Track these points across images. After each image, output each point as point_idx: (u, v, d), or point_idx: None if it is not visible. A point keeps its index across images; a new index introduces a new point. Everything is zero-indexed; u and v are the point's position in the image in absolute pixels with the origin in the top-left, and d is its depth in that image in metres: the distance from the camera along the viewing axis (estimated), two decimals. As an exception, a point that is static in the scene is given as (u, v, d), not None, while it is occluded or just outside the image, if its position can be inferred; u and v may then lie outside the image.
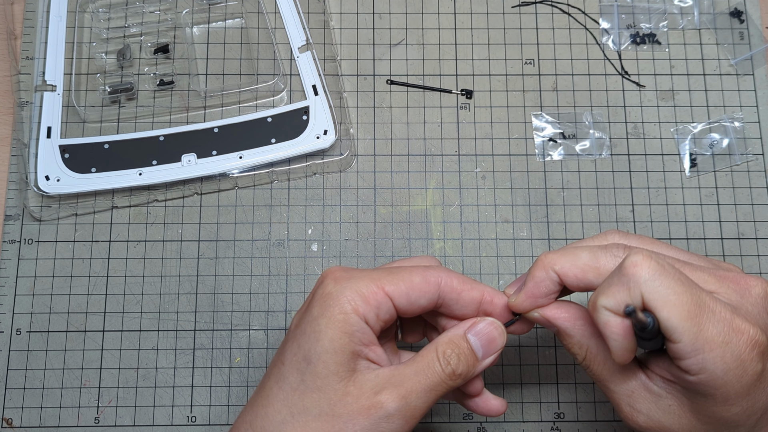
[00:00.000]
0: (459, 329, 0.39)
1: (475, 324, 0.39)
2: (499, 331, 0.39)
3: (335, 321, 0.36)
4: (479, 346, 0.38)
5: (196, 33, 0.57)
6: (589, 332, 0.37)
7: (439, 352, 0.37)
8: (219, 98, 0.56)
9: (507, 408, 0.41)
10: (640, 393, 0.37)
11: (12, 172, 0.54)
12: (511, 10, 0.58)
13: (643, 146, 0.56)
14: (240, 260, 0.53)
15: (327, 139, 0.54)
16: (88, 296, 0.52)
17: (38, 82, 0.55)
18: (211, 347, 0.52)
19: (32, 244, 0.53)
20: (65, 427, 0.50)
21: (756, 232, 0.54)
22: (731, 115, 0.56)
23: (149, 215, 0.54)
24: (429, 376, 0.37)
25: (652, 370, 0.37)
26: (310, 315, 0.37)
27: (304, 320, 0.37)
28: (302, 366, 0.36)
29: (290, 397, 0.36)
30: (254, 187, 0.54)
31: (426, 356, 0.37)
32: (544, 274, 0.37)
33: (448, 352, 0.37)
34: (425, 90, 0.57)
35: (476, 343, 0.38)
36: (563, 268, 0.37)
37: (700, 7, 0.58)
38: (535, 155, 0.55)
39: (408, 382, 0.36)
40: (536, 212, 0.54)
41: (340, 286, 0.37)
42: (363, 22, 0.58)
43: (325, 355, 0.36)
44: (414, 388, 0.36)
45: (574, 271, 0.36)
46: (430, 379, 0.37)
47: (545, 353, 0.52)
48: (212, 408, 0.51)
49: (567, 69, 0.57)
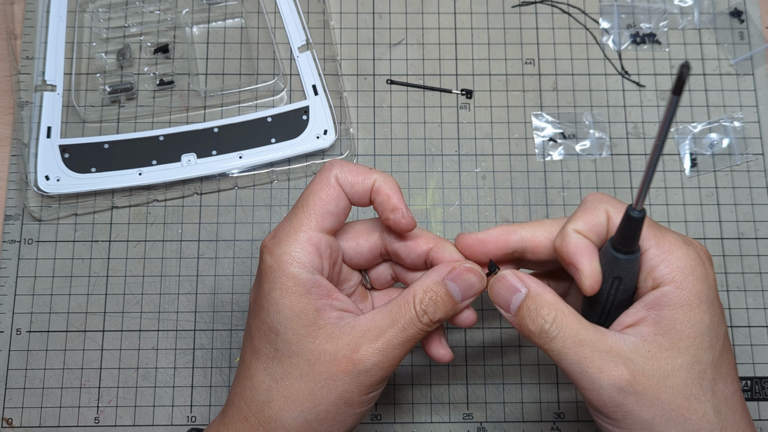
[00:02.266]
0: (436, 274, 0.38)
1: (453, 269, 0.38)
2: (479, 277, 0.38)
3: (287, 288, 0.36)
4: (458, 291, 0.38)
5: (196, 33, 0.57)
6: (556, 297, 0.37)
7: (417, 301, 0.37)
8: (219, 98, 0.56)
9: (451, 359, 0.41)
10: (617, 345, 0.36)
11: (12, 172, 0.54)
12: (511, 10, 0.58)
13: (643, 146, 0.56)
14: (240, 260, 0.53)
15: (327, 139, 0.54)
16: (88, 296, 0.52)
17: (38, 82, 0.55)
18: (211, 347, 0.52)
19: (32, 244, 0.53)
20: (65, 427, 0.50)
21: (756, 232, 0.54)
22: (731, 115, 0.56)
23: (149, 215, 0.54)
24: (406, 327, 0.37)
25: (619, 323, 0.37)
26: (263, 290, 0.37)
27: (259, 296, 0.38)
28: (272, 337, 0.37)
29: (269, 366, 0.37)
30: (254, 187, 0.54)
31: (402, 305, 0.37)
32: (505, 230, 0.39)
33: (426, 301, 0.37)
34: (425, 90, 0.57)
35: (454, 289, 0.38)
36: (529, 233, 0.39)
37: (700, 7, 0.58)
38: (535, 155, 0.55)
39: (385, 335, 0.36)
40: (536, 212, 0.54)
41: (275, 257, 0.37)
42: (363, 22, 0.58)
43: (290, 322, 0.36)
44: (391, 341, 0.36)
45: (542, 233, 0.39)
46: (407, 330, 0.37)
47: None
48: (212, 408, 0.51)
49: (567, 69, 0.57)
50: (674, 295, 0.35)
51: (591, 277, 0.36)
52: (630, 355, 0.35)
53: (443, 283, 0.38)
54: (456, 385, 0.51)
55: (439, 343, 0.41)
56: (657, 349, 0.35)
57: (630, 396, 0.34)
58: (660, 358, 0.35)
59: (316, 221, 0.37)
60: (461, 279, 0.38)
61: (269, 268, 0.37)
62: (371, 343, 0.36)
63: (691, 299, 0.35)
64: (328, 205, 0.38)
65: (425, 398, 0.51)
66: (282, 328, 0.37)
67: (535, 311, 0.37)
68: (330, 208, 0.38)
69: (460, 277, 0.38)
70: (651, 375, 0.35)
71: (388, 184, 0.38)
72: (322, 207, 0.38)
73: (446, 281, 0.38)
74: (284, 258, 0.37)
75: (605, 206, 0.38)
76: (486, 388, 0.51)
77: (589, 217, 0.37)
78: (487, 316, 0.53)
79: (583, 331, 0.36)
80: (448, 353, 0.41)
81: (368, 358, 0.36)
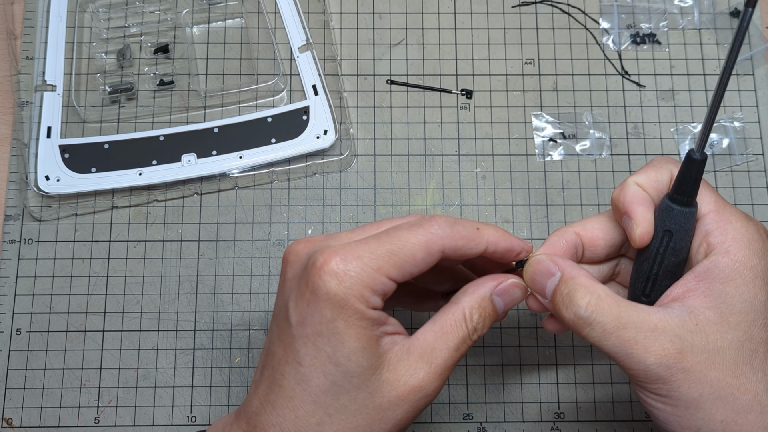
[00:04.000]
0: (484, 289, 0.37)
1: (500, 284, 0.37)
2: (522, 290, 0.38)
3: (354, 321, 0.34)
4: (502, 305, 0.38)
5: (196, 33, 0.57)
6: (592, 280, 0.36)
7: (467, 316, 0.36)
8: (219, 98, 0.56)
9: None
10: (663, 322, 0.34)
11: (12, 172, 0.54)
12: (511, 10, 0.58)
13: (644, 146, 0.56)
14: (240, 260, 0.53)
15: (327, 139, 0.54)
16: (88, 296, 0.52)
17: (38, 82, 0.55)
18: (211, 347, 0.52)
19: (32, 244, 0.53)
20: (65, 427, 0.50)
21: (756, 232, 0.54)
22: (731, 115, 0.56)
23: (149, 215, 0.54)
24: (459, 347, 0.36)
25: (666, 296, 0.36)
26: (322, 317, 0.34)
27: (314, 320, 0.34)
28: (329, 368, 0.34)
29: (322, 398, 0.34)
30: (254, 187, 0.54)
31: (453, 324, 0.36)
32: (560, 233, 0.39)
33: (475, 317, 0.36)
34: (425, 90, 0.57)
35: (500, 303, 0.37)
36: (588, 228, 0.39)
37: (700, 7, 0.58)
38: (535, 155, 0.55)
39: (439, 355, 0.35)
40: (536, 212, 0.54)
41: (345, 286, 0.33)
42: (363, 22, 0.58)
43: (354, 355, 0.34)
44: (447, 363, 0.36)
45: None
46: (460, 348, 0.36)
47: (545, 353, 0.52)
48: (212, 408, 0.51)
49: (567, 69, 0.57)
50: (727, 267, 0.34)
51: (642, 225, 0.35)
52: (677, 331, 0.33)
53: (491, 300, 0.37)
54: (456, 385, 0.51)
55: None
56: (706, 323, 0.34)
57: (678, 373, 0.33)
58: (709, 333, 0.33)
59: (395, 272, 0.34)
60: (507, 294, 0.38)
61: (335, 295, 0.33)
62: (429, 367, 0.35)
63: (746, 273, 0.34)
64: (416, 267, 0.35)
65: (425, 398, 0.51)
66: (345, 359, 0.34)
67: (568, 297, 0.35)
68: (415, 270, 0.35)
69: (507, 292, 0.38)
70: (699, 351, 0.33)
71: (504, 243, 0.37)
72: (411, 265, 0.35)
73: (494, 297, 0.37)
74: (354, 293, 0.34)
75: (670, 167, 0.37)
76: (486, 388, 0.51)
77: (653, 173, 0.37)
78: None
79: (624, 313, 0.34)
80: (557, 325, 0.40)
81: (429, 384, 0.35)
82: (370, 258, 0.34)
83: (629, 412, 0.51)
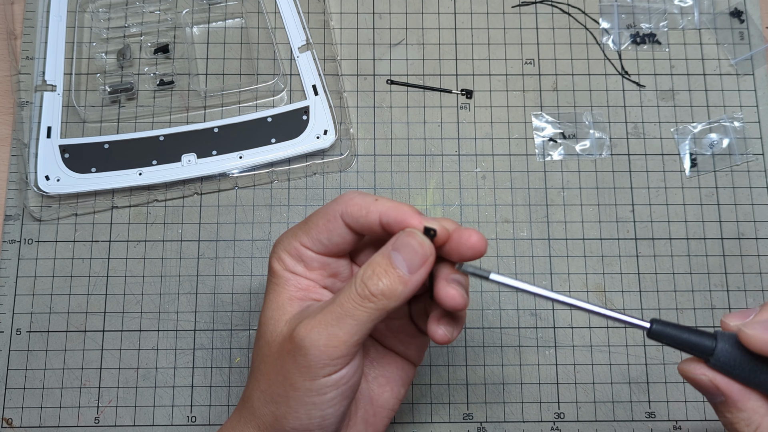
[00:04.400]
0: (383, 248, 0.36)
1: (394, 239, 0.36)
2: (417, 238, 0.35)
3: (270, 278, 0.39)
4: (401, 260, 0.35)
5: (196, 33, 0.57)
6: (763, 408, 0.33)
7: (357, 277, 0.35)
8: (219, 98, 0.56)
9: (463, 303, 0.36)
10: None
11: (12, 172, 0.54)
12: (511, 10, 0.58)
13: (643, 146, 0.56)
14: (240, 260, 0.53)
15: (327, 139, 0.54)
16: (88, 296, 0.52)
17: (38, 82, 0.55)
18: (211, 347, 0.52)
19: (32, 244, 0.53)
20: (65, 427, 0.50)
21: (756, 232, 0.54)
22: (731, 115, 0.56)
23: (149, 215, 0.54)
24: (343, 302, 0.35)
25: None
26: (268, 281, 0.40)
27: None
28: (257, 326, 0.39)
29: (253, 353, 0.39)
30: (254, 187, 0.54)
31: (345, 287, 0.36)
32: None
33: (368, 273, 0.35)
34: (425, 90, 0.57)
35: (398, 258, 0.35)
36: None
37: (700, 7, 0.58)
38: (535, 155, 0.55)
39: (322, 314, 0.35)
40: (536, 212, 0.54)
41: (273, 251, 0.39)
42: (363, 22, 0.58)
43: (265, 306, 0.39)
44: (325, 317, 0.35)
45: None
46: (345, 305, 0.35)
47: (545, 353, 0.52)
48: (212, 408, 0.51)
49: (567, 69, 0.57)
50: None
51: None
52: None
53: (387, 254, 0.35)
54: (456, 385, 0.51)
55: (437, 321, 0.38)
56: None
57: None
58: None
59: (306, 239, 0.38)
60: (403, 246, 0.35)
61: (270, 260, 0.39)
62: (308, 320, 0.35)
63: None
64: (321, 234, 0.38)
65: (425, 398, 0.51)
66: (262, 316, 0.39)
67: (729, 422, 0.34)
68: (322, 237, 0.38)
69: (402, 244, 0.35)
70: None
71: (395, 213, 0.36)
72: (316, 233, 0.38)
73: (391, 252, 0.35)
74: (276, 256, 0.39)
75: None
76: (486, 388, 0.51)
77: None
78: (487, 315, 0.53)
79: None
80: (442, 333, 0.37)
81: (302, 335, 0.35)
82: (293, 230, 0.39)
83: (629, 412, 0.51)
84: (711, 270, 0.53)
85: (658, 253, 0.54)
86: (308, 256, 0.38)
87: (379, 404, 0.41)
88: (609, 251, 0.54)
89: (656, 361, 0.52)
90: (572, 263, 0.53)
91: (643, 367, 0.52)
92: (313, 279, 0.39)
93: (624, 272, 0.53)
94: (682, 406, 0.51)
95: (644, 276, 0.53)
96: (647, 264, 0.53)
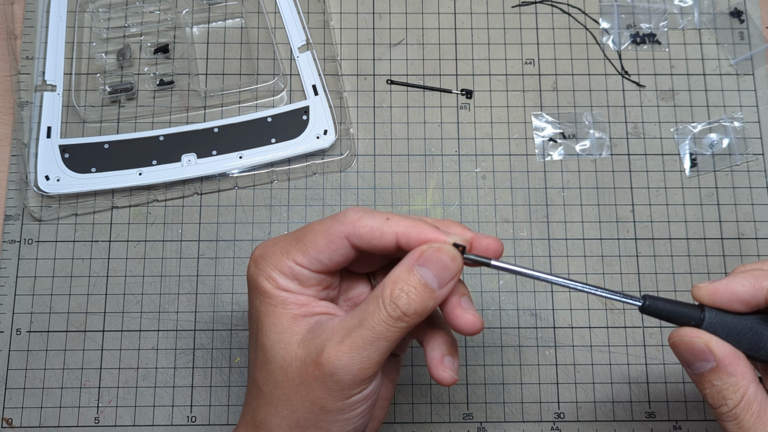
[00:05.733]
0: (406, 262, 0.35)
1: (422, 253, 0.34)
2: (450, 255, 0.34)
3: (264, 300, 0.36)
4: (431, 276, 0.34)
5: (196, 33, 0.57)
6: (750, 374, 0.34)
7: (385, 296, 0.34)
8: (219, 98, 0.56)
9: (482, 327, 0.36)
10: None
11: (12, 172, 0.54)
12: (511, 10, 0.58)
13: (643, 146, 0.56)
14: (240, 260, 0.53)
15: (327, 139, 0.54)
16: (88, 296, 0.52)
17: (38, 82, 0.55)
18: (211, 347, 0.52)
19: (32, 244, 0.53)
20: (65, 427, 0.50)
21: (756, 232, 0.54)
22: (731, 115, 0.56)
23: (149, 215, 0.54)
24: (374, 325, 0.34)
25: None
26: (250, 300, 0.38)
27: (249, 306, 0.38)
28: (254, 343, 0.37)
29: (255, 372, 0.37)
30: (254, 187, 0.54)
31: (371, 302, 0.34)
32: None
33: (396, 293, 0.34)
34: (425, 90, 0.57)
35: (427, 274, 0.34)
36: None
37: (700, 7, 0.58)
38: (535, 155, 0.55)
39: (351, 336, 0.34)
40: (536, 212, 0.54)
41: (257, 268, 0.36)
42: (363, 22, 0.58)
43: (266, 329, 0.36)
44: (356, 342, 0.34)
45: None
46: (377, 328, 0.34)
47: (545, 353, 0.52)
48: (212, 408, 0.51)
49: (567, 69, 0.57)
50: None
51: None
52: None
53: (413, 271, 0.34)
54: (456, 385, 0.51)
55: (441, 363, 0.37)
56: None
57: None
58: None
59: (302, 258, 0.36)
60: (432, 262, 0.34)
61: (251, 276, 0.37)
62: (337, 346, 0.34)
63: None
64: (321, 254, 0.36)
65: (425, 398, 0.51)
66: (260, 334, 0.36)
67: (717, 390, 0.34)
68: (322, 257, 0.36)
69: (430, 260, 0.34)
70: None
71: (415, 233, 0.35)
72: (315, 252, 0.36)
73: (416, 267, 0.34)
74: (263, 273, 0.36)
75: None
76: (486, 388, 0.51)
77: None
78: (486, 315, 0.53)
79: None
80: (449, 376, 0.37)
81: (332, 361, 0.33)
82: (281, 245, 0.36)
83: (629, 412, 0.51)
84: (711, 270, 0.53)
85: (658, 253, 0.54)
86: (304, 275, 0.36)
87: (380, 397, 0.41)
88: (609, 251, 0.54)
89: (656, 361, 0.52)
90: (572, 263, 0.53)
91: (643, 367, 0.52)
92: (310, 294, 0.37)
93: (624, 272, 0.53)
94: (682, 406, 0.51)
95: (644, 276, 0.53)
96: (647, 264, 0.53)
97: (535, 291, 0.53)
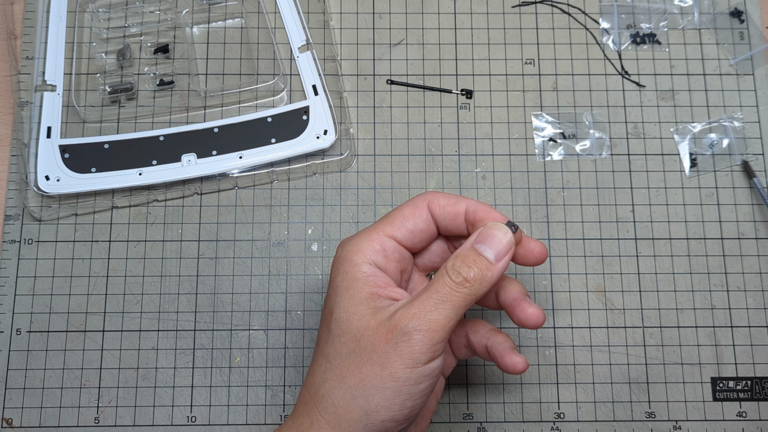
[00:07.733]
0: (467, 243, 0.39)
1: (479, 233, 0.39)
2: (501, 230, 0.39)
3: (347, 274, 0.39)
4: (488, 249, 0.39)
5: (196, 33, 0.57)
6: None
7: (448, 267, 0.38)
8: (219, 98, 0.56)
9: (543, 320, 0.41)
10: None
11: (12, 172, 0.54)
12: (511, 10, 0.58)
13: (643, 146, 0.56)
14: (240, 260, 0.53)
15: (327, 139, 0.54)
16: (88, 296, 0.52)
17: (38, 82, 0.55)
18: (211, 347, 0.52)
19: (32, 244, 0.53)
20: (65, 427, 0.50)
21: (756, 232, 0.54)
22: (731, 115, 0.56)
23: (149, 215, 0.54)
24: (439, 288, 0.37)
25: None
26: (331, 280, 0.40)
27: (329, 288, 0.40)
28: (328, 318, 0.39)
29: (324, 348, 0.39)
30: (254, 187, 0.54)
31: (437, 277, 0.38)
32: None
33: (457, 264, 0.38)
34: (425, 90, 0.57)
35: (486, 250, 0.39)
36: None
37: (700, 7, 0.58)
38: (535, 155, 0.55)
39: (419, 298, 0.37)
40: (536, 212, 0.54)
41: (345, 249, 0.40)
42: (363, 22, 0.58)
43: (344, 302, 0.39)
44: (424, 303, 0.37)
45: None
46: (441, 290, 0.37)
47: (545, 353, 0.52)
48: (212, 408, 0.51)
49: (567, 69, 0.57)
50: None
51: None
52: None
53: (473, 247, 0.39)
54: (456, 385, 0.51)
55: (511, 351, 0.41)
56: None
57: None
58: None
59: (390, 229, 0.40)
60: (489, 238, 0.39)
61: (338, 258, 0.40)
62: (406, 309, 0.37)
63: None
64: (407, 221, 0.41)
65: (425, 398, 0.51)
66: (336, 307, 0.39)
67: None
68: (408, 224, 0.41)
69: (487, 236, 0.39)
70: None
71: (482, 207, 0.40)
72: (401, 221, 0.41)
73: (475, 245, 0.39)
74: (351, 249, 0.40)
75: None
76: (486, 388, 0.51)
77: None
78: (487, 315, 0.53)
79: None
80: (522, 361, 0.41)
81: (404, 322, 0.36)
82: (369, 229, 0.41)
83: (629, 412, 0.51)
84: (711, 270, 0.54)
85: (658, 253, 0.54)
86: (390, 247, 0.40)
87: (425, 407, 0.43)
88: (609, 251, 0.54)
89: (656, 361, 0.52)
90: (572, 263, 0.53)
91: (643, 367, 0.52)
92: (390, 274, 0.40)
93: (624, 272, 0.53)
94: (682, 406, 0.51)
95: (644, 276, 0.53)
96: (647, 264, 0.53)
97: (535, 291, 0.53)
